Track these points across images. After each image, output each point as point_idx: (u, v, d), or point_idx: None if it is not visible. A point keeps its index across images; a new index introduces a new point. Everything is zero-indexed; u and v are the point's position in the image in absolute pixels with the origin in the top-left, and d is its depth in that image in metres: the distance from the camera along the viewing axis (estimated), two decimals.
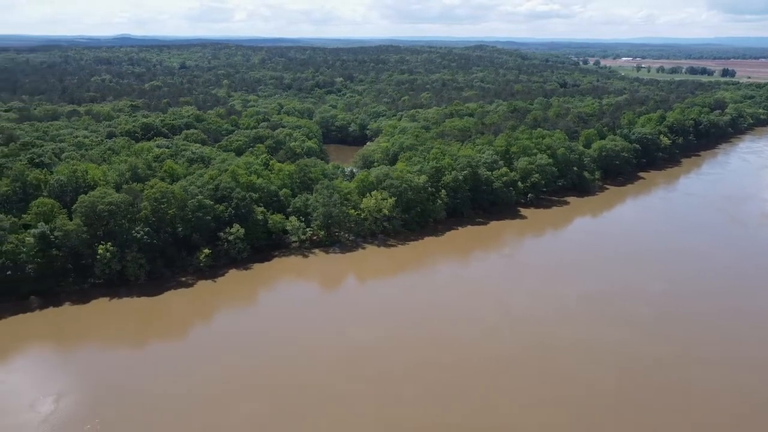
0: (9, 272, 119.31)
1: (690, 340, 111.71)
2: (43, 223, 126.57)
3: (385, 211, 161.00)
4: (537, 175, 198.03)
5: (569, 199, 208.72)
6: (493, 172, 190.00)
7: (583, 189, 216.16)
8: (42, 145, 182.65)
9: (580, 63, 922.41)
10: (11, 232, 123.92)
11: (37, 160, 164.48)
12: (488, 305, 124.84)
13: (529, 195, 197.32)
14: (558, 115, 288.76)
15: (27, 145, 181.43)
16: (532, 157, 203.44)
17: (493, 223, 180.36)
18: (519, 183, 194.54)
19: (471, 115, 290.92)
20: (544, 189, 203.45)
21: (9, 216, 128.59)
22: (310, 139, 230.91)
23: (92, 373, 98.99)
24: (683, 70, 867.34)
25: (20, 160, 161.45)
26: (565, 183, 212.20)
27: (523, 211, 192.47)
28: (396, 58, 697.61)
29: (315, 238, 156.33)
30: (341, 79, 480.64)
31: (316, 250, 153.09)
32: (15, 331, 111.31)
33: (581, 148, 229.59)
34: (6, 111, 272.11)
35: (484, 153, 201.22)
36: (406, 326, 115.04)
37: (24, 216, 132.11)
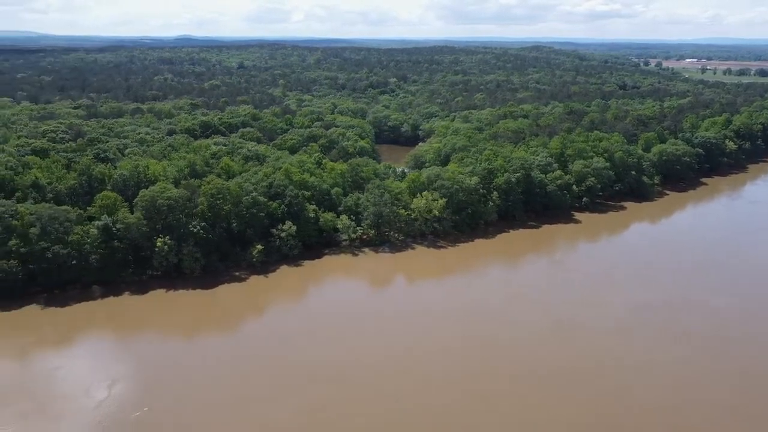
0: (74, 261, 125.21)
1: (753, 361, 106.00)
2: (107, 216, 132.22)
3: (436, 212, 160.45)
4: (593, 179, 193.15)
5: (626, 204, 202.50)
6: (547, 175, 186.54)
7: (641, 194, 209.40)
8: (107, 141, 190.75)
9: (641, 64, 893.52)
10: (77, 223, 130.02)
11: (102, 156, 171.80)
12: (535, 312, 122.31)
13: (584, 199, 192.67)
14: (616, 117, 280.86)
15: (93, 141, 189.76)
16: (588, 160, 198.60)
17: (546, 227, 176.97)
18: (574, 186, 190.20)
19: (525, 116, 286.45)
20: (600, 193, 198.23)
21: (75, 208, 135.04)
22: (362, 138, 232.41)
23: (145, 361, 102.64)
24: (752, 72, 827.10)
25: (87, 155, 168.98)
26: (622, 187, 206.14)
27: (578, 215, 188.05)
28: (450, 59, 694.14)
29: (365, 237, 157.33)
30: (395, 79, 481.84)
31: (366, 249, 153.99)
32: (78, 317, 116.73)
33: (640, 151, 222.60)
34: (75, 108, 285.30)
35: (538, 155, 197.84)
36: (450, 330, 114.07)
37: (89, 208, 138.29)
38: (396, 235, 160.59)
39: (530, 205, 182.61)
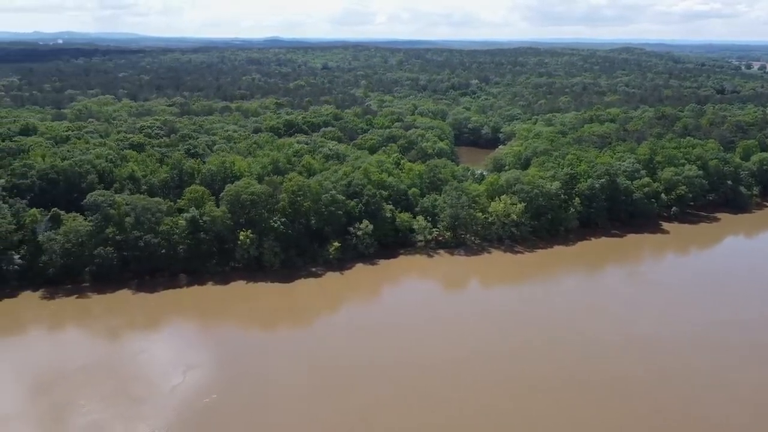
0: (164, 250, 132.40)
1: None
2: (194, 209, 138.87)
3: (514, 216, 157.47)
4: (683, 188, 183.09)
5: (720, 215, 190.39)
6: (634, 182, 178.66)
7: (737, 205, 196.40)
8: (197, 138, 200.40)
9: (742, 67, 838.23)
10: (167, 214, 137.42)
11: (192, 151, 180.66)
12: (608, 325, 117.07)
13: (674, 208, 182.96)
14: (712, 123, 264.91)
15: (185, 137, 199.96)
16: (679, 168, 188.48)
17: (630, 236, 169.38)
18: (662, 195, 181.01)
19: (612, 120, 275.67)
20: (692, 203, 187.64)
21: (166, 200, 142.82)
22: (441, 140, 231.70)
23: (221, 349, 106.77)
24: None
25: (179, 151, 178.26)
26: (717, 197, 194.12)
27: (666, 225, 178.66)
28: (534, 61, 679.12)
29: (441, 238, 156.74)
30: (477, 81, 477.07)
31: (441, 251, 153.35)
32: (165, 303, 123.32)
33: (738, 160, 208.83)
34: (170, 106, 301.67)
35: (624, 161, 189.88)
36: (518, 336, 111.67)
37: (179, 201, 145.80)
38: (472, 238, 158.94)
39: (614, 212, 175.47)
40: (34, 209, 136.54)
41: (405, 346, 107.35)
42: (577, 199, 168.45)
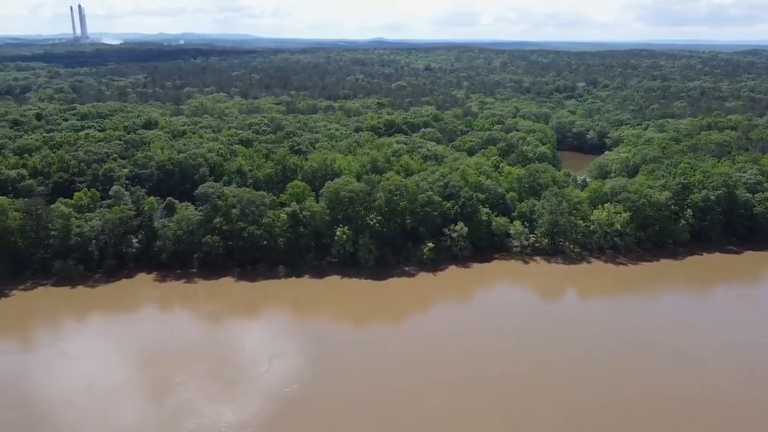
0: (265, 242, 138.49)
1: None
2: (295, 203, 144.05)
3: (618, 226, 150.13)
4: None
5: None
6: (755, 195, 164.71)
7: None
8: (301, 135, 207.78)
9: None
10: (270, 208, 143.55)
11: (296, 148, 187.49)
12: (717, 351, 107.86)
13: None
14: None
15: (290, 135, 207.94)
16: None
17: (748, 254, 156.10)
18: None
19: (734, 128, 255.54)
20: None
21: (270, 194, 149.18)
22: (543, 144, 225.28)
23: (309, 341, 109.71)
24: None
25: (283, 147, 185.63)
26: None
27: None
28: (648, 63, 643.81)
29: (538, 245, 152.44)
30: (583, 83, 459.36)
31: (538, 258, 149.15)
32: (262, 293, 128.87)
33: None
34: (277, 104, 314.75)
35: (745, 172, 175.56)
36: (607, 357, 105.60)
37: (281, 195, 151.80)
38: (571, 246, 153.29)
39: (731, 227, 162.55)
40: (152, 197, 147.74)
41: (493, 355, 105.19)
42: (689, 210, 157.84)
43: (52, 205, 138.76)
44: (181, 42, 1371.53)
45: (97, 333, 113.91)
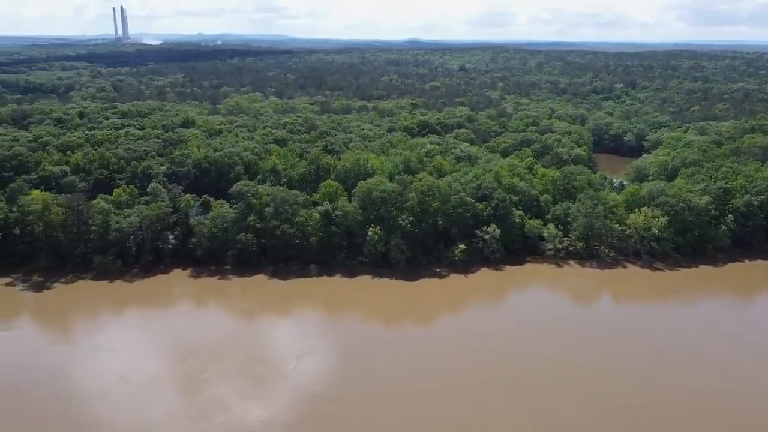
0: (297, 240, 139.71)
1: None
2: (328, 203, 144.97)
3: (655, 231, 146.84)
4: None
5: None
6: None
7: None
8: (335, 135, 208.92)
9: None
10: (303, 207, 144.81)
11: (329, 148, 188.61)
12: (745, 356, 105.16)
13: None
14: None
15: (323, 134, 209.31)
16: None
17: None
18: None
19: None
20: None
21: (303, 193, 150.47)
22: (579, 146, 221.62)
23: (337, 340, 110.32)
24: None
25: (317, 147, 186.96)
26: None
27: None
28: (689, 64, 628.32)
29: (572, 248, 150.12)
30: (621, 85, 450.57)
31: (572, 262, 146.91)
32: (295, 291, 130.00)
33: None
34: (311, 104, 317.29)
35: None
36: (638, 363, 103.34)
37: (314, 194, 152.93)
38: (606, 250, 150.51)
39: None
40: (188, 195, 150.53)
41: (521, 358, 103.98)
42: (730, 216, 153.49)
43: (92, 201, 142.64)
44: (219, 42, 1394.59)
45: (132, 327, 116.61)
